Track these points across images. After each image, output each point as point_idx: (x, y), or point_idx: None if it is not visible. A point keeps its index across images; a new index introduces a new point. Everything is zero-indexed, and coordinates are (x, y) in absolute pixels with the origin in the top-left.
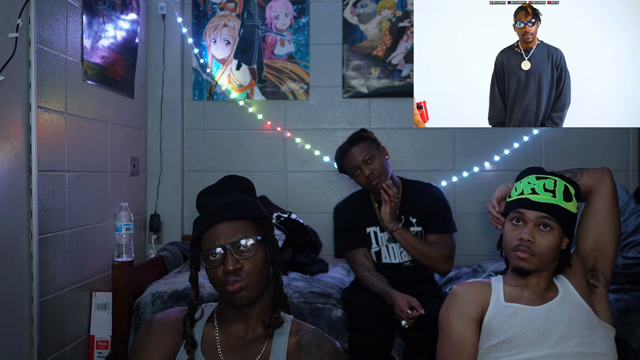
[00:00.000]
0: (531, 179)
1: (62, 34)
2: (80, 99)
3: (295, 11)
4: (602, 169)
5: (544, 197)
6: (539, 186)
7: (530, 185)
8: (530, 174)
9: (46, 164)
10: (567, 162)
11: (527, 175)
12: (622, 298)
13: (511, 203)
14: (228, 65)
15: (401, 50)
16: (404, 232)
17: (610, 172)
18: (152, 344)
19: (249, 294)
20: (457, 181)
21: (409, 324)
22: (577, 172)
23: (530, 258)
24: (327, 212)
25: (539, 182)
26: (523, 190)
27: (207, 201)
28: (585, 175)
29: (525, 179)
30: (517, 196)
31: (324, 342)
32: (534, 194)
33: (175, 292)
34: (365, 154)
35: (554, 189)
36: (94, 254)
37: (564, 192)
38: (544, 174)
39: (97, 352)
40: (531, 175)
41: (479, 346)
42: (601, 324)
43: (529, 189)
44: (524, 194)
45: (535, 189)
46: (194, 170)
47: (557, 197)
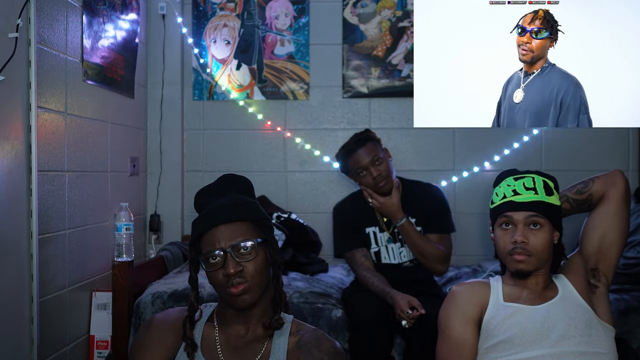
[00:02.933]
0: (509, 181)
1: (62, 34)
2: (80, 99)
3: (295, 11)
4: (613, 173)
5: (527, 196)
6: (519, 186)
7: (511, 187)
8: (506, 177)
9: (46, 164)
10: (567, 162)
11: (503, 179)
12: (622, 298)
13: (496, 208)
14: (228, 65)
15: (401, 50)
16: (409, 225)
17: (622, 173)
18: (152, 344)
19: (252, 297)
20: (457, 181)
21: (409, 324)
22: (588, 182)
23: (528, 259)
24: (327, 212)
25: (518, 182)
26: (505, 193)
27: (206, 201)
28: (597, 182)
29: (504, 182)
30: (501, 200)
31: (324, 342)
32: (516, 195)
33: (175, 292)
34: (374, 155)
35: (534, 186)
36: (94, 254)
37: (545, 187)
38: (520, 174)
39: (97, 352)
40: (508, 177)
41: (479, 346)
42: (601, 324)
43: (510, 191)
44: (507, 196)
45: (516, 190)
46: (194, 170)
47: (540, 194)
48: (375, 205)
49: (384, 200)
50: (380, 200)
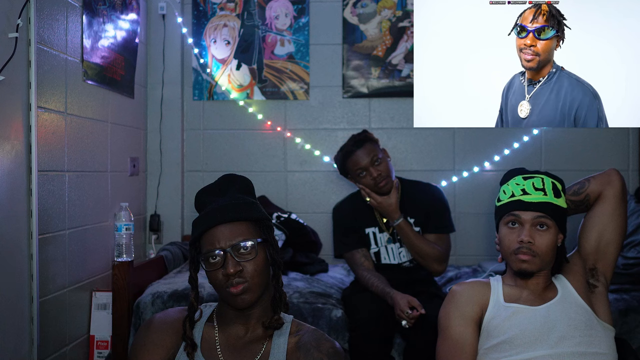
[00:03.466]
0: (518, 180)
1: (62, 34)
2: (80, 99)
3: (295, 11)
4: (608, 172)
5: (536, 196)
6: (529, 186)
7: (520, 186)
8: (514, 175)
9: (46, 164)
10: (567, 162)
11: (511, 177)
12: (622, 298)
13: (503, 206)
14: (228, 65)
15: (401, 50)
16: (406, 225)
17: (617, 172)
18: (152, 344)
19: (252, 297)
20: (457, 181)
21: (409, 324)
22: (584, 182)
23: (532, 259)
24: (327, 212)
25: (528, 182)
26: (513, 192)
27: (206, 201)
28: (593, 182)
29: (512, 180)
30: (509, 199)
31: (324, 342)
32: (525, 195)
33: (175, 292)
34: (373, 156)
35: (543, 187)
36: (94, 254)
37: (553, 189)
38: (529, 173)
39: (97, 352)
40: (517, 176)
41: (479, 346)
42: (601, 324)
43: (519, 190)
44: (515, 195)
45: (525, 190)
46: (194, 170)
47: (548, 195)
48: (373, 203)
49: (382, 200)
50: (377, 199)
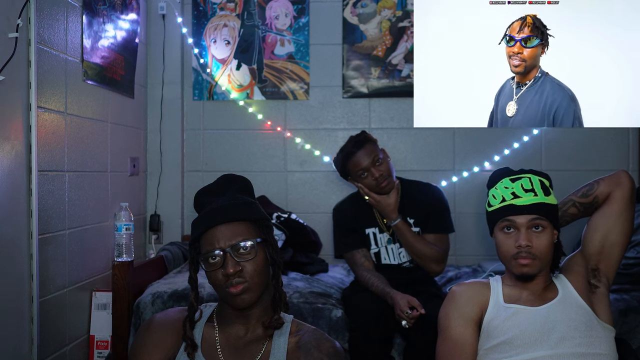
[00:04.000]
0: (506, 183)
1: (62, 34)
2: (80, 99)
3: (295, 11)
4: (618, 173)
5: (527, 198)
6: (518, 188)
7: (509, 189)
8: (500, 178)
9: (46, 164)
10: (567, 162)
11: (498, 180)
12: (622, 298)
13: (496, 212)
14: (228, 65)
15: (401, 50)
16: (403, 225)
17: (628, 174)
18: (152, 344)
19: (251, 297)
20: (457, 181)
21: (409, 324)
22: (593, 184)
23: (533, 262)
24: (327, 212)
25: (516, 184)
26: (504, 196)
27: (206, 201)
28: (602, 184)
29: (500, 184)
30: (500, 204)
31: (324, 342)
32: (516, 198)
33: (175, 292)
34: (374, 156)
35: (532, 187)
36: (94, 254)
37: (542, 187)
38: (515, 174)
39: (97, 352)
40: (504, 178)
41: (479, 347)
42: (601, 325)
43: (509, 193)
44: (506, 200)
45: (516, 193)
46: (194, 170)
47: (539, 195)
48: (372, 202)
49: (380, 199)
50: (376, 198)
